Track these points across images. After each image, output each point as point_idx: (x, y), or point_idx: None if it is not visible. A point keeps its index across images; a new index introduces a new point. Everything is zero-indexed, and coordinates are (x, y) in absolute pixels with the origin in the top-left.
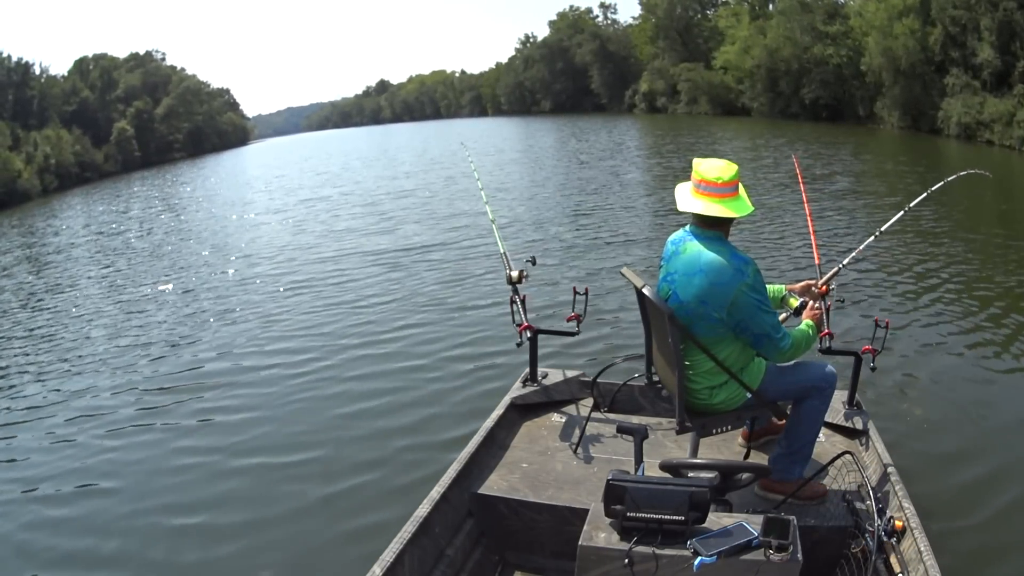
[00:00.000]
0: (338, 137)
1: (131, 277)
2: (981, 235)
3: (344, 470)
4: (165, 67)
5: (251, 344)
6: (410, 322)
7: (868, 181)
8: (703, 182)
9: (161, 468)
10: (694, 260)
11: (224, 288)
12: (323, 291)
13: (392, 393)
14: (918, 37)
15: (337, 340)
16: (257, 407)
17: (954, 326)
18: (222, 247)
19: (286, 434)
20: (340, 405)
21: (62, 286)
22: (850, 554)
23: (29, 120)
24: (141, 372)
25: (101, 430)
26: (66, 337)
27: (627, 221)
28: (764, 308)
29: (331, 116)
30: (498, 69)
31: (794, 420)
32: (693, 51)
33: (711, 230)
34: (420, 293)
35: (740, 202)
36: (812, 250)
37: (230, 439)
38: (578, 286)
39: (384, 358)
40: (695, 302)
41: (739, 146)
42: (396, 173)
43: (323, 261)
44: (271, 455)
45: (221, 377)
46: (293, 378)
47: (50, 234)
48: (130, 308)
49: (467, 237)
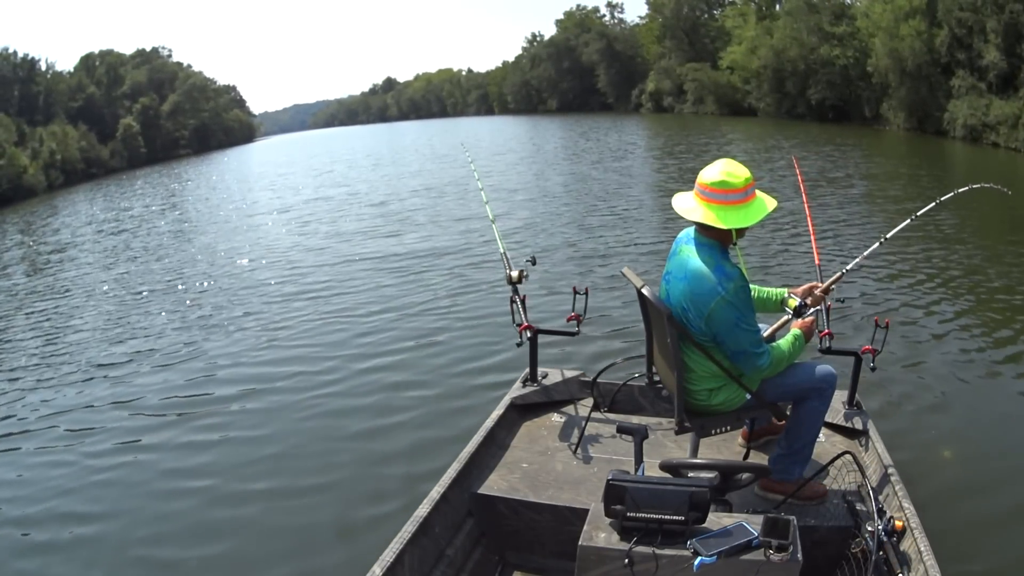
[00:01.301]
0: (344, 135)
1: (127, 283)
2: (983, 236)
3: (344, 470)
4: (171, 64)
5: (250, 343)
6: (410, 322)
7: (876, 184)
8: (700, 184)
9: (161, 464)
10: (683, 264)
11: (224, 281)
12: (322, 291)
13: (392, 393)
14: (924, 38)
15: (335, 340)
16: (256, 405)
17: (955, 326)
18: (222, 249)
19: (286, 433)
20: (339, 405)
21: (56, 288)
22: (850, 554)
23: (35, 116)
24: (138, 378)
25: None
26: (57, 343)
27: (630, 222)
28: (742, 325)
29: (337, 114)
30: (505, 68)
31: (794, 420)
32: (700, 51)
33: (706, 237)
34: (420, 293)
35: (739, 211)
36: (812, 250)
37: (230, 436)
38: (578, 286)
39: (384, 358)
40: (680, 307)
41: (751, 147)
42: (400, 172)
43: (323, 261)
44: (271, 454)
45: (221, 375)
46: (292, 377)
47: (48, 233)
48: (128, 312)
49: (468, 237)
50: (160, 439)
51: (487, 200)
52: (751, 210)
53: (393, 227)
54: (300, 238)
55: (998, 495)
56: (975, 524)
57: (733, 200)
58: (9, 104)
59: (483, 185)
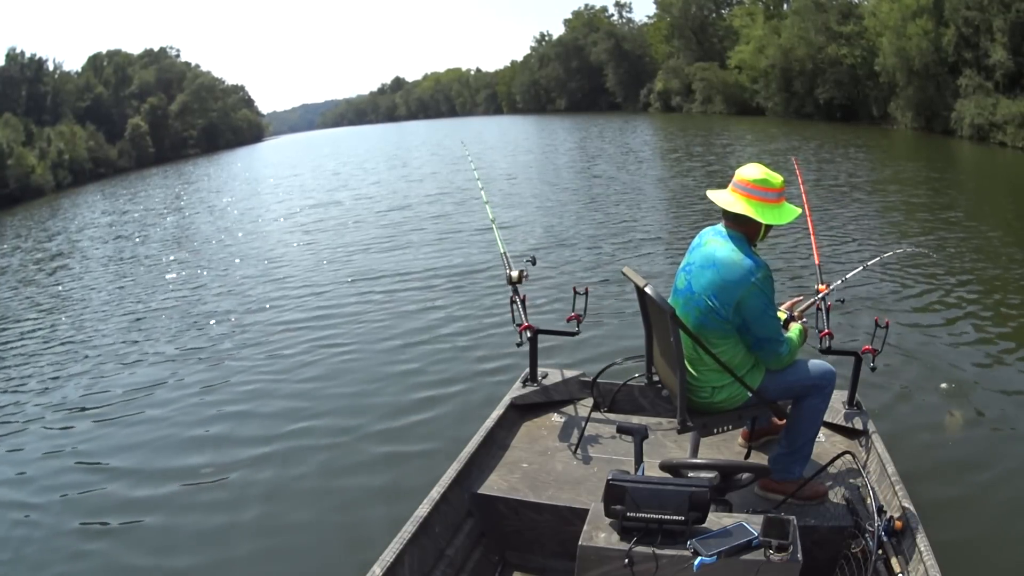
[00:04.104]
0: (353, 135)
1: (130, 290)
2: (985, 236)
3: (344, 470)
4: (179, 64)
5: (249, 342)
6: (409, 322)
7: (885, 185)
8: (740, 181)
9: (160, 466)
10: (711, 254)
11: (224, 276)
12: (322, 291)
13: (391, 393)
14: (931, 38)
15: (334, 340)
16: (256, 404)
17: (955, 326)
18: (223, 250)
19: (286, 433)
20: (339, 405)
21: (54, 292)
22: (850, 554)
23: (42, 116)
24: (135, 381)
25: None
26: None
27: (630, 222)
28: (770, 312)
29: (346, 113)
30: (513, 67)
31: (794, 419)
32: (708, 50)
33: (736, 231)
34: (420, 293)
35: (773, 210)
36: (812, 251)
37: (231, 433)
38: (578, 286)
39: (383, 358)
40: (705, 295)
41: (778, 147)
42: (408, 173)
43: (323, 261)
44: (271, 454)
45: (220, 373)
46: (292, 377)
47: (44, 239)
48: (126, 316)
49: (468, 237)
50: (160, 439)
51: (487, 200)
52: (784, 210)
53: (393, 227)
54: (300, 238)
55: (998, 495)
56: (975, 524)
57: (771, 199)
58: (16, 104)
59: (483, 185)
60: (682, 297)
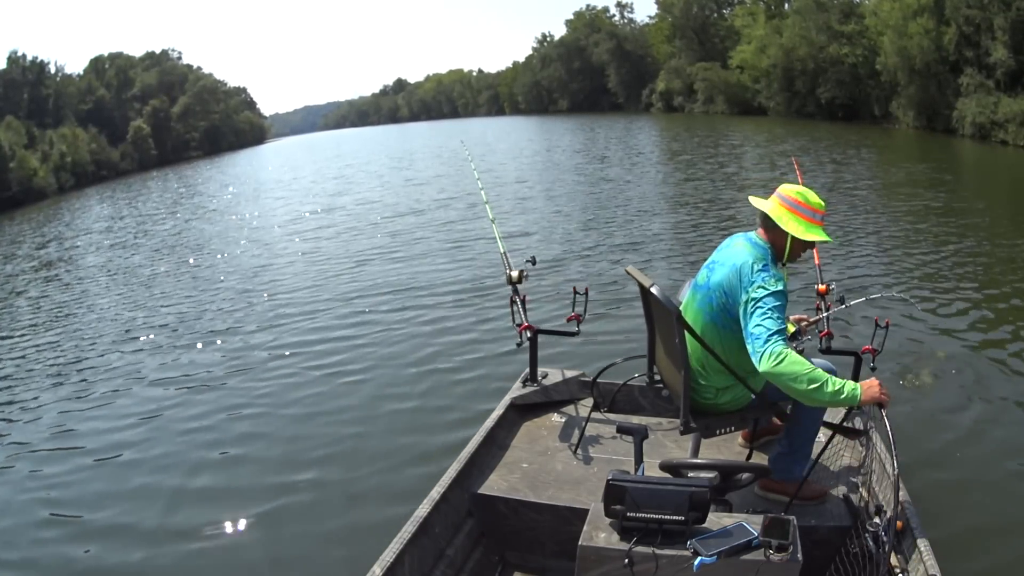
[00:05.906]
0: (355, 136)
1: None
2: (989, 236)
3: (344, 470)
4: (181, 66)
5: (248, 344)
6: (409, 322)
7: (886, 185)
8: (788, 196)
9: (161, 463)
10: (736, 253)
11: (225, 274)
12: (320, 291)
13: (391, 393)
14: (933, 36)
15: (333, 340)
16: (256, 405)
17: (956, 326)
18: (224, 252)
19: (286, 434)
20: (339, 405)
21: (53, 297)
22: (850, 554)
23: (44, 119)
24: (138, 376)
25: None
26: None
27: (631, 222)
28: (775, 315)
29: (348, 115)
30: (515, 68)
31: (794, 419)
32: (710, 50)
33: (765, 240)
34: (420, 293)
35: (807, 226)
36: (812, 251)
37: (229, 436)
38: (578, 286)
39: (383, 358)
40: (718, 292)
41: (786, 148)
42: (409, 173)
43: (322, 262)
44: (271, 455)
45: (220, 373)
46: (291, 377)
47: (36, 247)
48: (124, 323)
49: (468, 237)
50: (160, 439)
51: (487, 200)
52: (822, 232)
53: (396, 231)
54: (301, 239)
55: (998, 495)
56: (975, 524)
57: (814, 219)
58: (19, 107)
59: (482, 185)
60: (700, 292)
